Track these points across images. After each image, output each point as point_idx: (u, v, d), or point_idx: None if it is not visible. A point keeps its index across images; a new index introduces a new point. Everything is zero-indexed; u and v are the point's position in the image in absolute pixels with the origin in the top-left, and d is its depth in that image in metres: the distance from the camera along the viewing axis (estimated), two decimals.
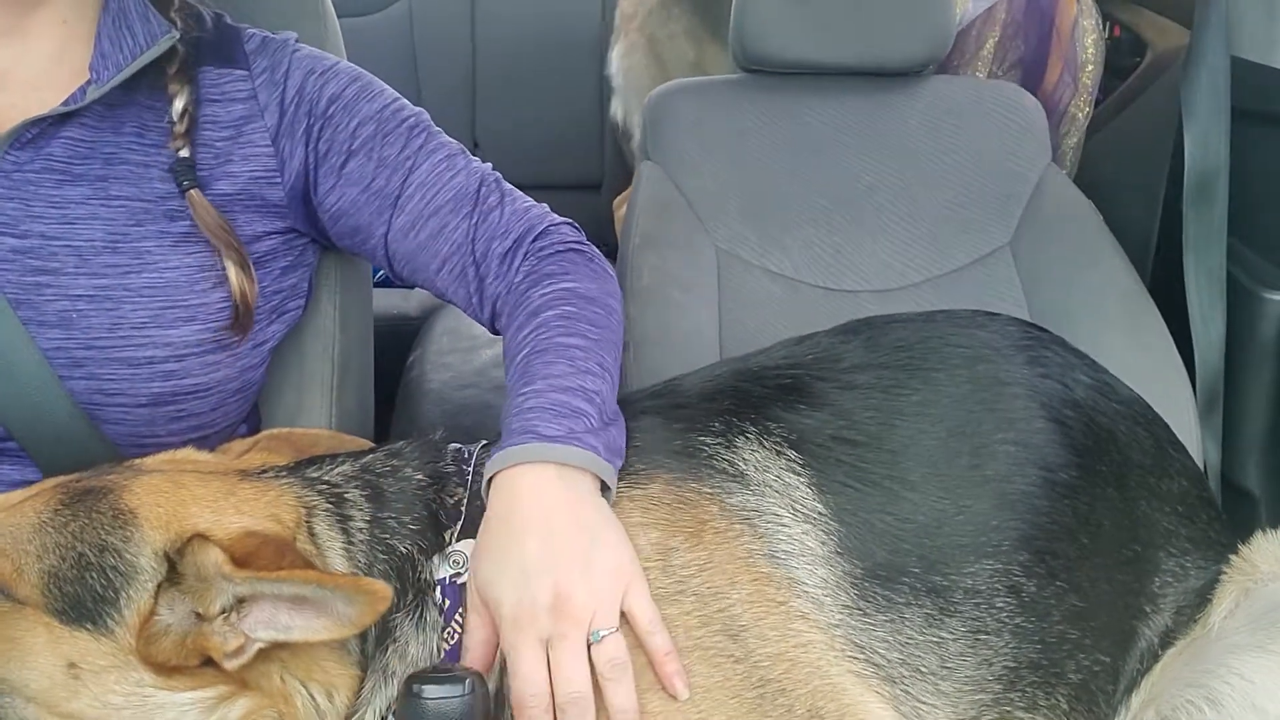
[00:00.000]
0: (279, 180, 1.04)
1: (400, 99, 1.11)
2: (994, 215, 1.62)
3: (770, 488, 0.90)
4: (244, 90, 1.04)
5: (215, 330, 1.00)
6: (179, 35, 1.00)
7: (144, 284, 0.97)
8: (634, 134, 2.27)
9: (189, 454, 0.94)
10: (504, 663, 0.82)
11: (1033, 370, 1.02)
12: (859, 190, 1.64)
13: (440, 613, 0.83)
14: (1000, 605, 0.90)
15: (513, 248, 1.03)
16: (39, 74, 0.98)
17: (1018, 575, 0.91)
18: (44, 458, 0.97)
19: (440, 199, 1.04)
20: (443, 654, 0.82)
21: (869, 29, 1.65)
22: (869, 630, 0.86)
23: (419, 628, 0.83)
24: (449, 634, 0.82)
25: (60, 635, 0.75)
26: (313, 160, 1.05)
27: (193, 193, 0.99)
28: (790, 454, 0.93)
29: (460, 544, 0.85)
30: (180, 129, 0.99)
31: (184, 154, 0.99)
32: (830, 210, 1.63)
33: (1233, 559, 1.02)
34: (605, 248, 1.19)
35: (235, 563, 0.74)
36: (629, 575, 0.82)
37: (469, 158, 1.09)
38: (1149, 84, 1.97)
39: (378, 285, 1.39)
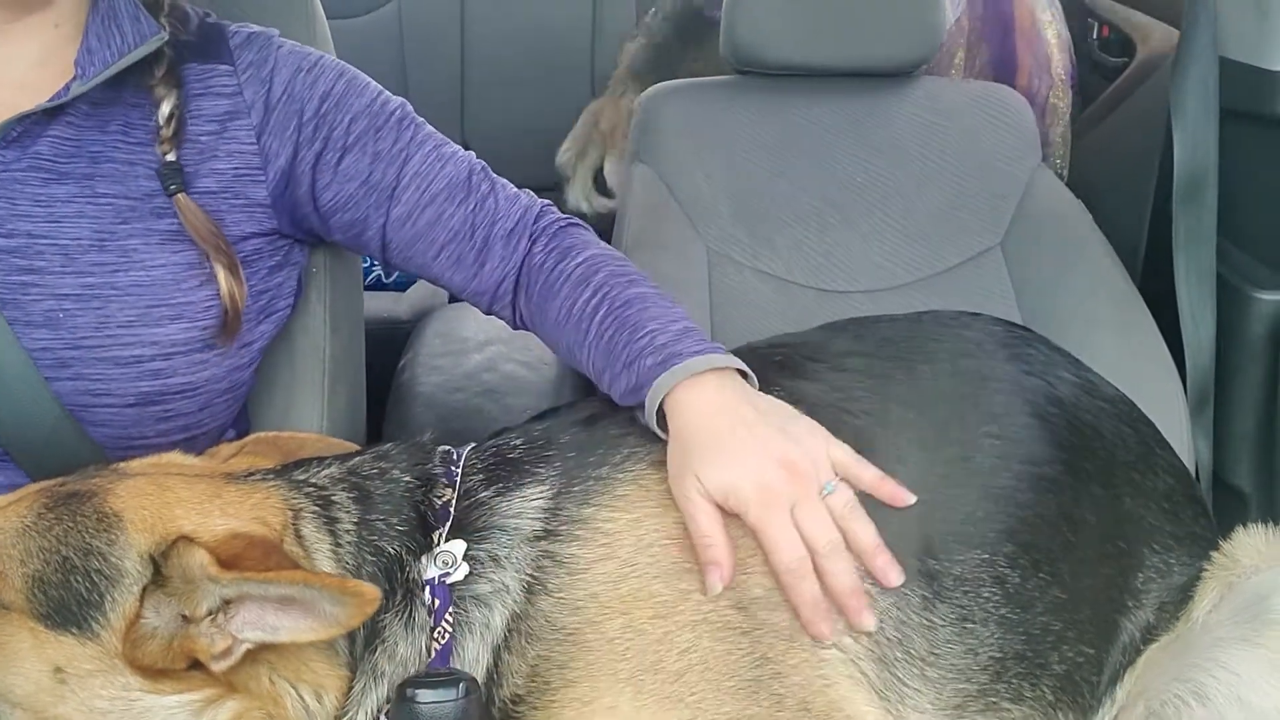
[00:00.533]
0: (262, 178, 1.04)
1: (383, 90, 1.11)
2: (984, 215, 1.63)
3: None
4: (229, 86, 1.04)
5: (203, 329, 0.99)
6: (168, 37, 1.00)
7: (131, 282, 0.97)
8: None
9: (175, 458, 0.93)
10: (505, 643, 0.82)
11: (1016, 367, 1.02)
12: (850, 191, 1.65)
13: (429, 613, 0.82)
14: (986, 595, 0.91)
15: (516, 228, 1.07)
16: (24, 73, 0.98)
17: (1003, 566, 0.92)
18: (30, 461, 0.96)
19: (435, 188, 1.07)
20: (432, 654, 0.81)
21: (859, 30, 1.66)
22: (876, 602, 0.87)
23: (408, 628, 0.83)
24: (439, 634, 0.82)
25: (45, 640, 0.74)
26: (307, 158, 1.05)
27: (180, 197, 0.99)
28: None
29: (448, 544, 0.85)
30: (167, 133, 0.99)
31: (170, 158, 0.99)
32: (821, 211, 1.63)
33: (1215, 555, 1.02)
34: None
35: (221, 565, 0.73)
36: (820, 431, 0.90)
37: (454, 146, 1.12)
38: (1138, 84, 1.98)
39: (369, 288, 1.39)
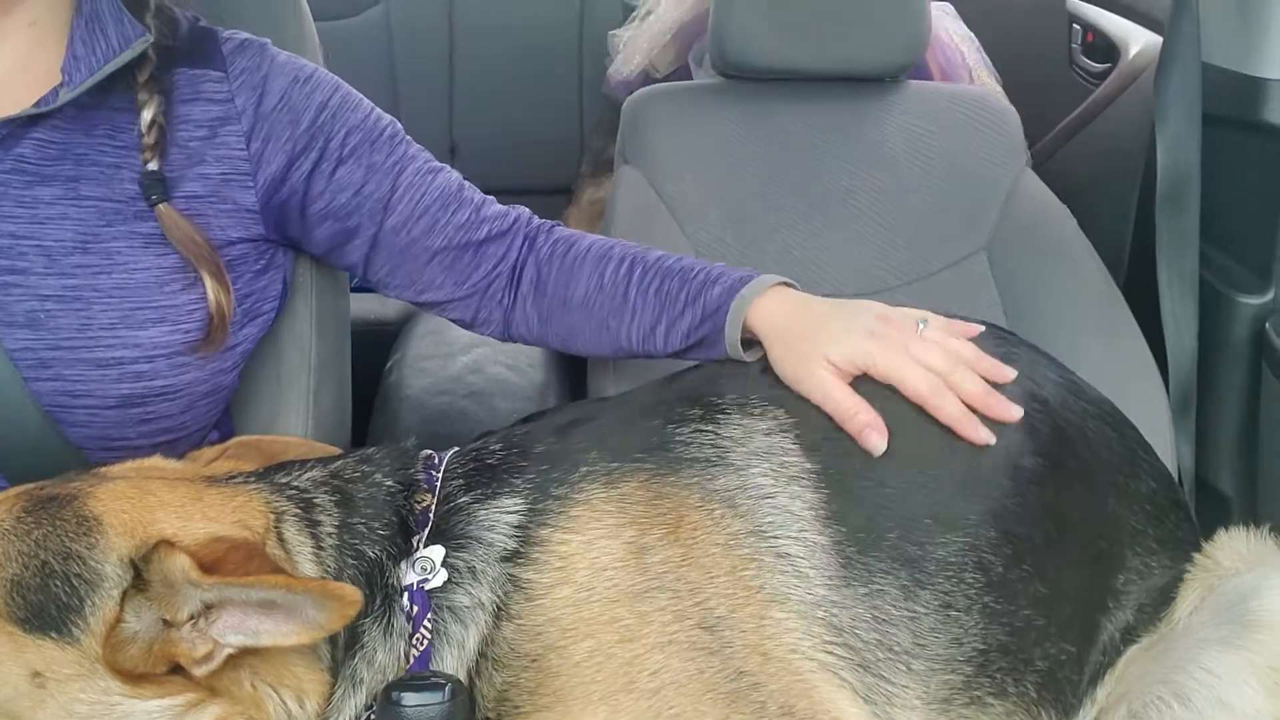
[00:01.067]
0: (251, 184, 1.04)
1: (375, 107, 1.14)
2: (969, 219, 1.63)
3: (755, 455, 0.91)
4: (220, 92, 1.04)
5: (185, 332, 0.99)
6: (153, 40, 0.99)
7: (114, 284, 0.96)
8: None
9: (157, 461, 0.93)
10: (475, 669, 0.82)
11: None
12: (836, 195, 1.65)
13: (408, 619, 0.82)
14: (969, 580, 0.91)
15: (511, 229, 1.14)
16: (7, 75, 0.98)
17: (985, 552, 0.92)
18: (8, 463, 0.95)
19: (429, 198, 1.11)
20: (410, 660, 0.81)
21: (845, 35, 1.66)
22: (850, 608, 0.86)
23: (386, 634, 0.82)
24: (417, 640, 0.81)
25: (24, 644, 0.74)
26: (302, 167, 1.06)
27: (162, 208, 0.98)
28: (774, 412, 0.94)
29: (427, 550, 0.84)
30: (149, 140, 0.98)
31: (152, 167, 0.98)
32: (808, 215, 1.64)
33: (1196, 557, 1.03)
34: None
35: (203, 569, 0.73)
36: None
37: (438, 162, 1.16)
38: (1122, 90, 1.99)
39: (355, 290, 1.39)
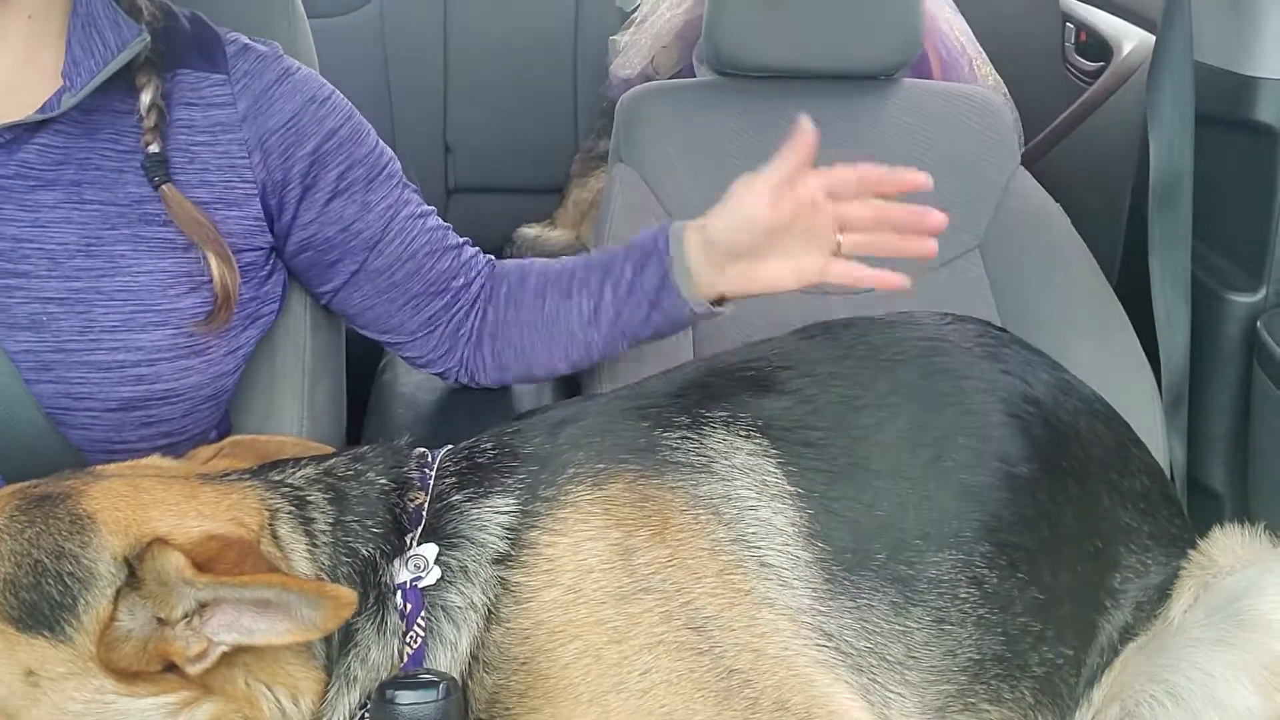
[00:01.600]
0: (255, 192, 1.04)
1: (381, 142, 1.15)
2: (963, 218, 1.63)
3: (738, 470, 0.91)
4: (222, 96, 1.03)
5: (188, 335, 0.99)
6: (148, 39, 0.99)
7: (116, 287, 0.96)
8: None
9: (154, 461, 0.93)
10: (467, 671, 0.82)
11: (992, 366, 1.03)
12: None
13: (401, 618, 0.82)
14: (964, 595, 0.91)
15: (479, 273, 1.18)
16: (9, 76, 0.97)
17: (979, 566, 0.92)
18: (8, 464, 0.95)
19: (416, 244, 1.12)
20: (404, 659, 0.81)
21: (840, 33, 1.66)
22: (838, 617, 0.86)
23: (380, 633, 0.82)
24: (411, 639, 0.81)
25: (17, 643, 0.74)
26: (295, 190, 1.05)
27: (166, 188, 0.98)
28: (757, 438, 0.94)
29: (420, 548, 0.84)
30: (149, 123, 0.98)
31: (154, 149, 0.98)
32: None
33: (1191, 554, 1.03)
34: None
35: (197, 567, 0.73)
36: None
37: (426, 205, 1.17)
38: (1115, 88, 2.00)
39: None
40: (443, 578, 0.84)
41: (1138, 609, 1.00)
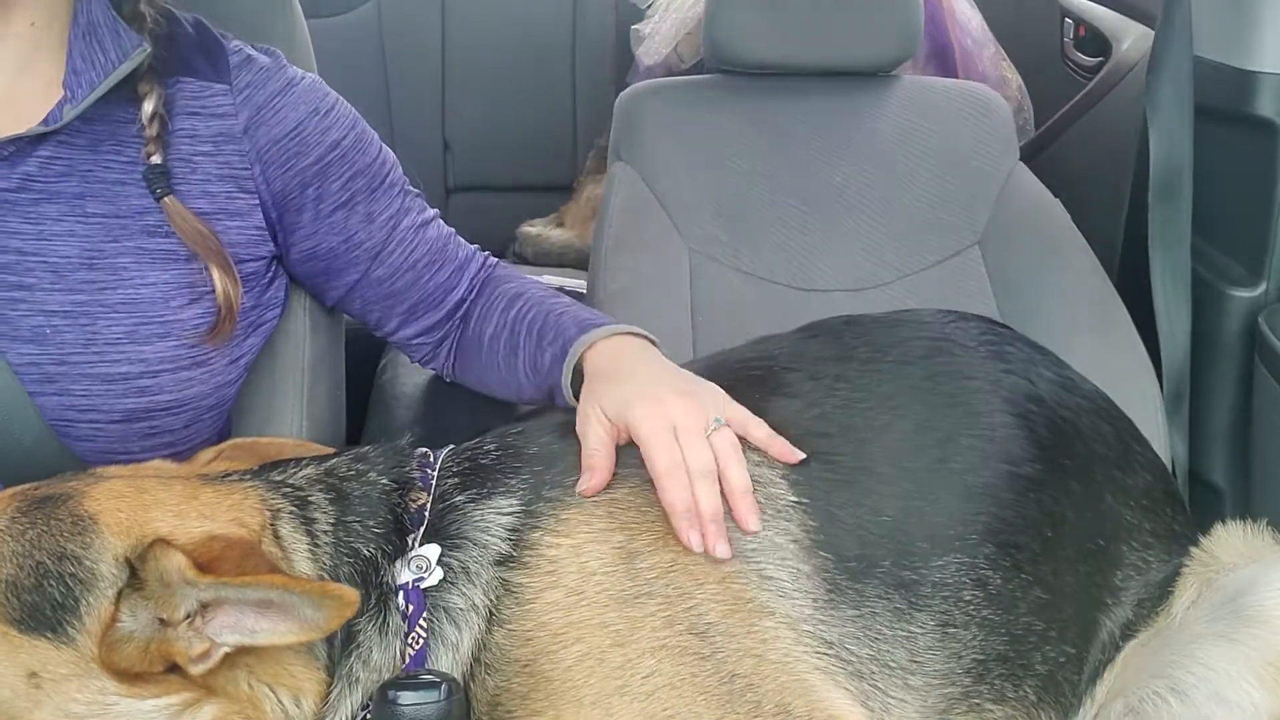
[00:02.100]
0: (256, 203, 1.04)
1: (384, 147, 1.14)
2: (963, 214, 1.64)
3: None
4: (224, 106, 1.02)
5: (190, 346, 0.99)
6: (149, 50, 0.98)
7: (120, 300, 0.96)
8: None
9: (155, 464, 0.93)
10: (469, 672, 0.82)
11: (996, 365, 1.02)
12: (830, 190, 1.65)
13: (403, 619, 0.82)
14: (968, 598, 0.91)
15: (473, 280, 1.17)
16: (9, 85, 0.97)
17: (984, 568, 0.92)
18: (11, 476, 0.94)
19: (418, 254, 1.12)
20: (406, 660, 0.81)
21: (839, 30, 1.66)
22: (839, 626, 0.86)
23: (382, 633, 0.82)
24: (413, 639, 0.81)
25: (19, 644, 0.73)
26: (296, 201, 1.05)
27: (167, 200, 0.97)
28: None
29: (423, 549, 0.84)
30: (151, 133, 0.97)
31: (156, 160, 0.97)
32: (802, 210, 1.64)
33: (1194, 551, 1.03)
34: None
35: (199, 567, 0.73)
36: (721, 391, 0.96)
37: (431, 211, 1.17)
38: (1114, 83, 2.00)
39: None
40: (445, 579, 0.84)
41: (1139, 606, 1.00)
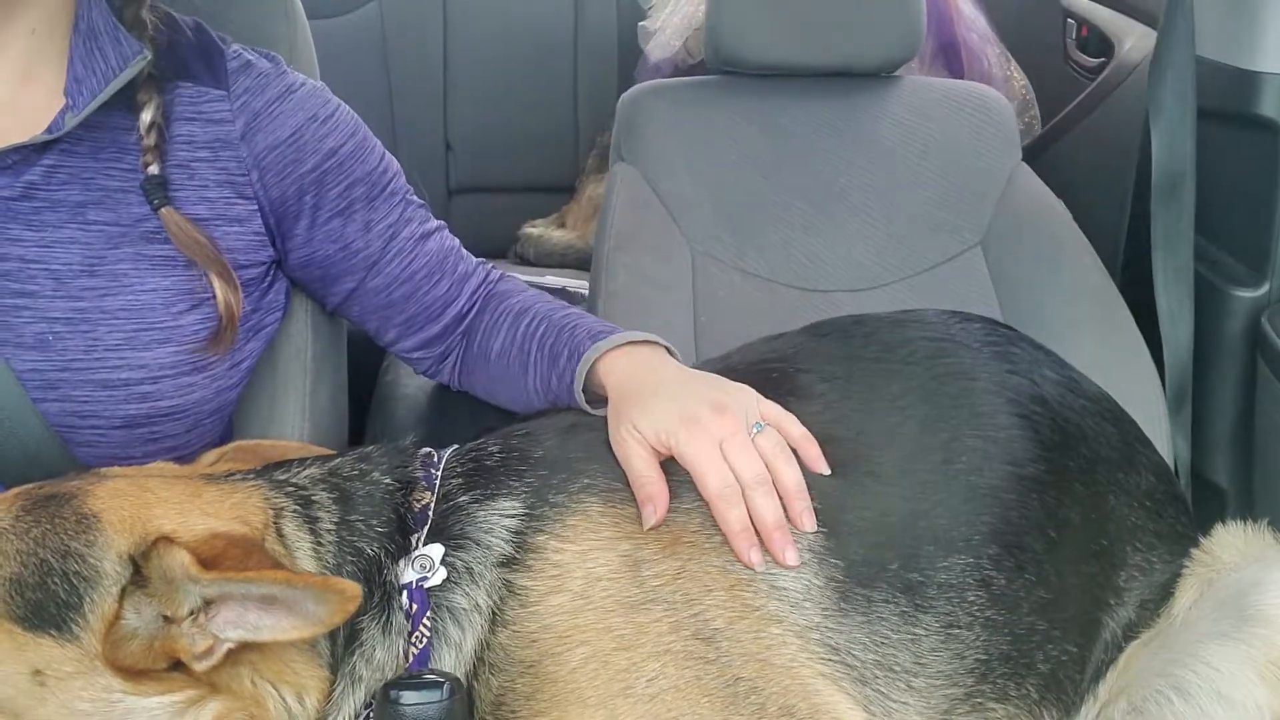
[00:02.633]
0: (255, 208, 1.04)
1: (386, 154, 1.13)
2: (965, 214, 1.64)
3: None
4: (221, 112, 1.02)
5: (191, 352, 0.99)
6: (149, 57, 0.98)
7: (120, 306, 0.96)
8: None
9: (158, 465, 0.93)
10: (475, 666, 0.82)
11: (1000, 366, 1.02)
12: (832, 191, 1.65)
13: (406, 618, 0.82)
14: (971, 599, 0.91)
15: (476, 293, 1.16)
16: (12, 94, 0.97)
17: (988, 569, 0.91)
18: (15, 481, 0.94)
19: (416, 265, 1.11)
20: (409, 659, 0.81)
21: (841, 30, 1.67)
22: (846, 632, 0.86)
23: (385, 632, 0.82)
24: (416, 639, 0.81)
25: (24, 642, 0.74)
26: (294, 208, 1.05)
27: (165, 211, 0.97)
28: None
29: (426, 548, 0.84)
30: (149, 142, 0.97)
31: (154, 170, 0.97)
32: (804, 211, 1.64)
33: (1195, 551, 1.03)
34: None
35: (202, 564, 0.73)
36: (750, 389, 0.94)
37: (434, 221, 1.15)
38: (1117, 84, 2.00)
39: None
40: (448, 579, 0.84)
41: (1142, 606, 1.00)
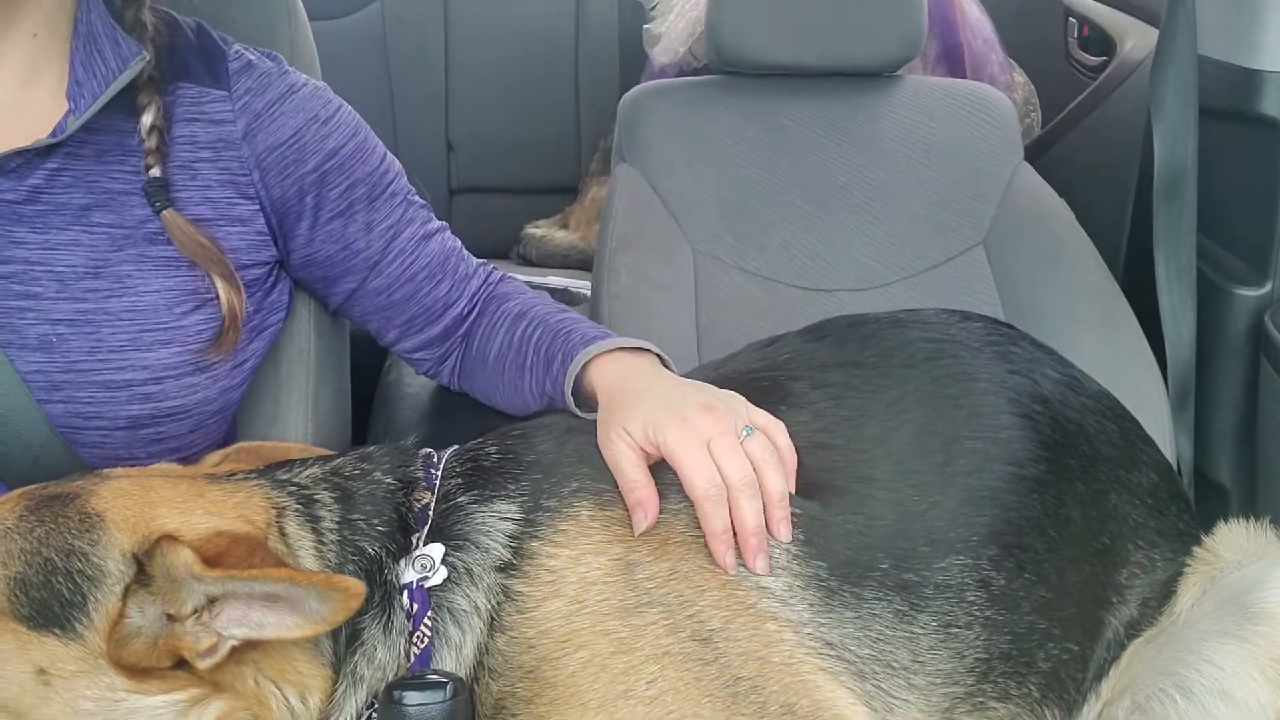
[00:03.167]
0: (257, 208, 1.04)
1: (388, 155, 1.13)
2: (967, 214, 1.64)
3: None
4: (223, 112, 1.02)
5: (195, 352, 0.99)
6: (148, 58, 0.98)
7: (123, 307, 0.96)
8: None
9: (161, 466, 0.93)
10: (475, 671, 0.82)
11: (1001, 366, 1.02)
12: (834, 190, 1.65)
13: (407, 617, 0.82)
14: (971, 599, 0.91)
15: (476, 295, 1.17)
16: (14, 98, 0.97)
17: (987, 569, 0.92)
18: (20, 482, 0.94)
19: (417, 266, 1.11)
20: (411, 659, 0.81)
21: (842, 30, 1.67)
22: (838, 627, 0.86)
23: (386, 632, 0.82)
24: (417, 639, 0.81)
25: (28, 641, 0.74)
26: (295, 208, 1.05)
27: (167, 213, 0.97)
28: None
29: (427, 548, 0.84)
30: (150, 145, 0.97)
31: (155, 173, 0.97)
32: (806, 211, 1.64)
33: (1196, 550, 1.03)
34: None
35: (206, 562, 0.73)
36: (739, 396, 0.94)
37: (436, 222, 1.15)
38: (1118, 83, 2.00)
39: None
40: (449, 578, 0.84)
41: (1144, 605, 1.00)
